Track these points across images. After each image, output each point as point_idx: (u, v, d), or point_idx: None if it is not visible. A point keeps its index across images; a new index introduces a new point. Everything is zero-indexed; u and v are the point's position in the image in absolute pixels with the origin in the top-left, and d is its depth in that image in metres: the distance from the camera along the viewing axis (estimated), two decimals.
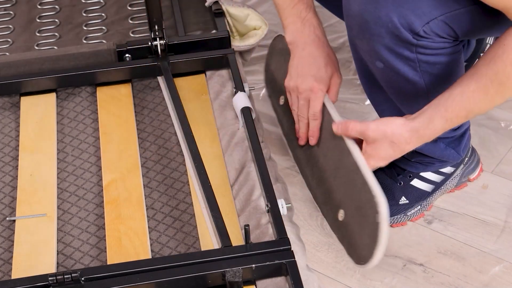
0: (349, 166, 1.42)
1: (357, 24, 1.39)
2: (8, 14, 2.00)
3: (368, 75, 1.53)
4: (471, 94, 1.34)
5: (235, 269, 1.31)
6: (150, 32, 1.75)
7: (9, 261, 1.42)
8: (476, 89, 1.33)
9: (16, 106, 1.74)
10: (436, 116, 1.36)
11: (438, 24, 1.36)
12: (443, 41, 1.39)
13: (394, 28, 1.36)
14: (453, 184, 1.69)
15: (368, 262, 1.36)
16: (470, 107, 1.35)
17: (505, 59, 1.30)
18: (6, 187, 1.56)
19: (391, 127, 1.39)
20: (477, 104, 1.35)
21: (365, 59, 1.47)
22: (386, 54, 1.40)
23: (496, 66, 1.31)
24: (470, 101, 1.34)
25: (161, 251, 1.43)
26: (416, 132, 1.38)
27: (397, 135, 1.39)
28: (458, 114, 1.36)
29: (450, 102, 1.35)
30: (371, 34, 1.38)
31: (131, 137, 1.64)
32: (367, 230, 1.36)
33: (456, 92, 1.35)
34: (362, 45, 1.43)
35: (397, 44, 1.38)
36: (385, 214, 1.32)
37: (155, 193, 1.53)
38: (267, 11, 2.22)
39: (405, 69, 1.42)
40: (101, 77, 1.76)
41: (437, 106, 1.37)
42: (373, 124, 1.40)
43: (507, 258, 1.58)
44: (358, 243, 1.39)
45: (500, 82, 1.31)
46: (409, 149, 1.41)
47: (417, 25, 1.35)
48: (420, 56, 1.40)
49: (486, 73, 1.32)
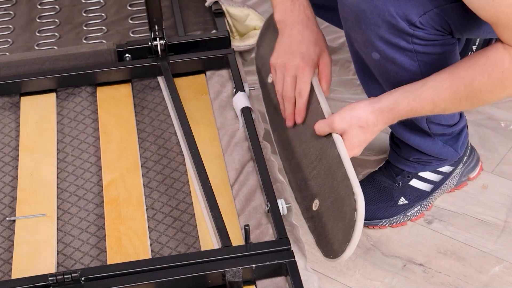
0: (332, 158, 1.41)
1: (353, 14, 1.39)
2: (8, 14, 2.00)
3: (364, 69, 1.53)
4: (443, 91, 1.35)
5: (235, 269, 1.31)
6: (150, 32, 1.75)
7: (9, 261, 1.42)
8: (449, 87, 1.34)
9: (16, 106, 1.74)
10: (403, 101, 1.38)
11: (434, 16, 1.36)
12: (438, 34, 1.39)
13: (391, 17, 1.36)
14: (453, 184, 1.69)
15: (337, 258, 1.36)
16: (437, 103, 1.36)
17: (484, 70, 1.31)
18: (6, 187, 1.56)
19: (356, 113, 1.41)
20: (445, 103, 1.36)
21: (361, 52, 1.47)
22: (381, 44, 1.40)
23: (474, 73, 1.32)
24: (440, 97, 1.35)
25: (161, 251, 1.43)
26: (381, 113, 1.39)
27: (363, 119, 1.40)
28: (424, 107, 1.37)
29: (420, 92, 1.36)
30: (367, 24, 1.38)
31: (131, 137, 1.64)
32: (342, 226, 1.35)
33: (430, 84, 1.36)
34: (358, 36, 1.43)
35: (393, 34, 1.38)
36: (362, 213, 1.32)
37: (155, 193, 1.53)
38: (267, 11, 2.22)
39: (402, 59, 1.42)
40: (101, 77, 1.76)
41: (406, 92, 1.38)
42: (337, 116, 1.41)
43: (507, 258, 1.58)
44: (329, 236, 1.39)
45: (473, 89, 1.33)
46: (378, 130, 1.42)
47: (414, 15, 1.36)
48: (417, 47, 1.40)
49: (463, 76, 1.33)
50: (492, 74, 1.30)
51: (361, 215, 1.32)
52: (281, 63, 1.52)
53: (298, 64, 1.50)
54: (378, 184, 1.66)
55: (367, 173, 1.71)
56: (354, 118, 1.41)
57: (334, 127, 1.42)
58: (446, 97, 1.35)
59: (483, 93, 1.33)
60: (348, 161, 1.39)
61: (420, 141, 1.59)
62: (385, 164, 1.69)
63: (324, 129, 1.44)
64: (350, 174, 1.36)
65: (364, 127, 1.41)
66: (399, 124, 1.57)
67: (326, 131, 1.44)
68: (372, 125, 1.41)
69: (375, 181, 1.67)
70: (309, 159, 1.48)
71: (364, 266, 1.58)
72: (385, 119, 1.40)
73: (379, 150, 1.80)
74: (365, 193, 1.65)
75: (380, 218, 1.64)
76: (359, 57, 1.50)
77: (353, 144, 1.42)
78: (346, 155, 1.40)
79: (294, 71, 1.50)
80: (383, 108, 1.39)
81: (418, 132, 1.58)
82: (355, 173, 1.36)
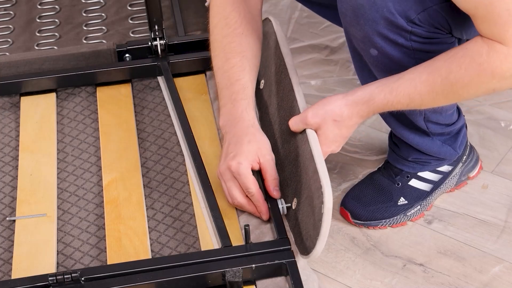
0: (306, 154, 1.40)
1: (352, 9, 1.38)
2: (8, 14, 2.00)
3: (363, 65, 1.52)
4: (419, 84, 1.33)
5: (235, 269, 1.31)
6: (150, 32, 1.75)
7: (9, 261, 1.42)
8: (425, 80, 1.33)
9: (16, 106, 1.74)
10: (379, 94, 1.36)
11: (433, 14, 1.36)
12: (436, 32, 1.39)
13: (389, 13, 1.35)
14: (453, 183, 1.69)
15: (310, 254, 1.34)
16: (413, 97, 1.34)
17: (461, 62, 1.29)
18: (6, 187, 1.56)
19: (330, 106, 1.39)
20: (421, 96, 1.34)
21: (359, 48, 1.46)
22: (379, 41, 1.39)
23: (452, 66, 1.30)
24: (416, 90, 1.33)
25: (161, 251, 1.43)
26: (356, 105, 1.37)
27: (337, 112, 1.38)
28: (400, 100, 1.35)
29: (397, 85, 1.35)
30: (366, 20, 1.37)
31: (131, 137, 1.64)
32: (312, 221, 1.34)
33: (406, 77, 1.34)
34: (356, 32, 1.41)
35: (391, 30, 1.37)
36: (329, 204, 1.30)
37: (155, 193, 1.53)
38: (267, 11, 2.22)
39: (399, 56, 1.41)
40: (101, 77, 1.76)
41: (383, 85, 1.36)
42: (311, 110, 1.40)
43: (507, 258, 1.58)
44: (303, 233, 1.38)
45: (450, 82, 1.31)
46: (355, 124, 1.40)
47: (412, 12, 1.35)
48: (415, 44, 1.39)
49: (440, 69, 1.32)
50: (469, 67, 1.29)
51: (328, 208, 1.30)
52: (224, 169, 1.45)
53: (231, 165, 1.43)
54: (378, 185, 1.66)
55: (367, 173, 1.71)
56: (328, 112, 1.38)
57: (307, 122, 1.40)
58: (422, 90, 1.33)
59: (459, 87, 1.31)
60: (318, 155, 1.36)
61: (419, 140, 1.59)
62: (384, 165, 1.69)
63: (298, 125, 1.42)
64: (319, 168, 1.33)
65: (339, 121, 1.39)
66: (397, 122, 1.57)
67: (301, 127, 1.42)
68: (347, 119, 1.38)
69: (374, 182, 1.66)
70: (289, 158, 1.47)
71: (364, 266, 1.58)
72: (360, 111, 1.38)
73: (379, 150, 1.80)
74: (364, 193, 1.66)
75: (380, 219, 1.63)
76: (357, 53, 1.50)
77: (329, 139, 1.40)
78: (318, 150, 1.37)
79: (229, 174, 1.44)
80: (358, 101, 1.37)
81: (417, 131, 1.58)
82: (359, 172, 1.35)
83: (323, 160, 1.36)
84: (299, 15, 2.19)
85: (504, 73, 1.27)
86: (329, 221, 1.30)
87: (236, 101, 1.49)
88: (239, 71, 1.51)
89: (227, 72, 1.51)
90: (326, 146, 1.40)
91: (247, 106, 1.49)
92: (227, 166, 1.43)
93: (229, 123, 1.48)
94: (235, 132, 1.46)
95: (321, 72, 2.03)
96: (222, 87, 1.52)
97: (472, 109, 1.89)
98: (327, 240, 1.63)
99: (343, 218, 1.65)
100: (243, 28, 1.53)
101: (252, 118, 1.48)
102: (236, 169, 1.42)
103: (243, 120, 1.47)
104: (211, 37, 1.56)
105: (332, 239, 1.62)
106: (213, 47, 1.55)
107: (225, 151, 1.46)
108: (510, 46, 1.26)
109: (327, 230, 1.31)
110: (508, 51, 1.26)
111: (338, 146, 1.43)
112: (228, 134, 1.48)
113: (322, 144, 1.40)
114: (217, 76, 1.53)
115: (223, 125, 1.50)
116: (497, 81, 1.29)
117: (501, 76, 1.28)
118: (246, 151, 1.43)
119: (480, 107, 1.90)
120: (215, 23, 1.55)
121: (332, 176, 1.75)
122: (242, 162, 1.42)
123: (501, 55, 1.27)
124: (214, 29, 1.55)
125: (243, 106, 1.48)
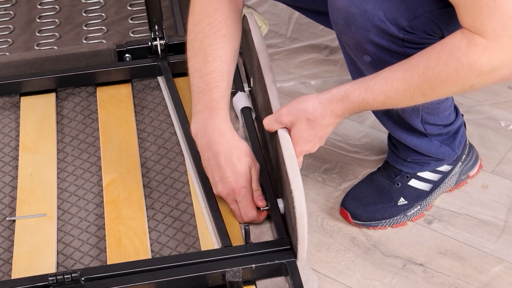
0: (280, 155, 1.37)
1: (343, 18, 1.37)
2: (8, 14, 2.00)
3: (357, 70, 1.51)
4: (396, 82, 1.30)
5: (235, 269, 1.31)
6: (150, 32, 1.75)
7: (9, 261, 1.42)
8: (402, 78, 1.30)
9: (16, 106, 1.74)
10: (354, 92, 1.33)
11: (425, 21, 1.35)
12: (429, 38, 1.38)
13: (380, 21, 1.34)
14: (452, 182, 1.69)
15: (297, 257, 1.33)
16: (389, 94, 1.31)
17: (440, 57, 1.26)
18: (6, 187, 1.57)
19: (303, 105, 1.36)
20: (397, 94, 1.31)
21: (353, 55, 1.44)
22: (372, 48, 1.38)
23: (429, 61, 1.27)
24: (392, 88, 1.30)
25: (161, 251, 1.43)
26: (329, 104, 1.34)
27: (310, 111, 1.35)
28: (376, 98, 1.32)
29: (373, 82, 1.32)
30: (357, 28, 1.36)
31: (131, 137, 1.64)
32: (292, 224, 1.33)
33: (383, 75, 1.32)
34: (348, 40, 1.40)
35: (383, 38, 1.36)
36: (300, 209, 1.26)
37: (155, 193, 1.53)
38: (267, 11, 2.22)
39: (394, 61, 1.36)
40: (101, 77, 1.76)
41: (359, 83, 1.33)
42: (285, 109, 1.37)
43: (507, 258, 1.58)
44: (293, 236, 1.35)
45: (427, 78, 1.28)
46: (328, 125, 1.36)
47: (403, 20, 1.34)
48: (408, 50, 1.38)
49: (418, 65, 1.29)
50: (448, 61, 1.26)
51: (300, 212, 1.26)
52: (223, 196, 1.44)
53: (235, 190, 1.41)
54: (377, 185, 1.66)
55: (367, 173, 1.71)
56: (302, 111, 1.35)
57: (281, 121, 1.37)
58: (398, 87, 1.30)
59: (437, 83, 1.27)
60: (289, 155, 1.32)
61: (417, 141, 1.59)
62: (383, 165, 1.69)
63: (272, 124, 1.39)
64: (289, 171, 1.30)
65: (312, 120, 1.35)
66: (394, 124, 1.57)
67: (275, 126, 1.39)
68: (320, 118, 1.35)
69: (374, 182, 1.67)
70: (274, 159, 1.46)
71: (364, 266, 1.58)
72: (334, 110, 1.35)
73: (378, 150, 1.81)
74: (364, 194, 1.66)
75: (380, 219, 1.63)
76: (351, 59, 1.49)
77: (303, 139, 1.37)
78: (289, 151, 1.33)
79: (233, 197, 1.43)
80: (332, 99, 1.34)
81: (414, 133, 1.58)
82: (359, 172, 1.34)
83: (294, 162, 1.32)
84: (299, 15, 2.19)
85: (482, 67, 1.24)
86: (303, 226, 1.28)
87: (214, 110, 1.44)
88: (218, 76, 1.46)
89: (206, 76, 1.46)
90: (300, 146, 1.38)
91: (225, 116, 1.44)
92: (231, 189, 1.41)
93: (204, 133, 1.44)
94: (216, 148, 1.42)
95: (321, 72, 2.03)
96: (199, 91, 1.46)
97: (471, 109, 1.89)
98: (327, 240, 1.63)
99: (343, 218, 1.66)
100: (226, 29, 1.48)
101: (230, 128, 1.44)
102: (240, 193, 1.41)
103: (224, 134, 1.42)
104: (190, 35, 1.50)
105: (332, 239, 1.63)
106: (192, 47, 1.50)
107: (216, 172, 1.42)
108: (489, 40, 1.23)
109: (303, 234, 1.28)
110: (487, 45, 1.23)
111: (313, 146, 1.39)
112: (204, 146, 1.43)
113: (295, 144, 1.37)
114: (193, 77, 1.48)
115: (196, 133, 1.45)
116: (475, 77, 1.26)
117: (479, 70, 1.25)
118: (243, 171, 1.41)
119: (480, 107, 1.90)
120: (197, 21, 1.49)
121: (332, 176, 1.75)
122: (246, 186, 1.41)
123: (479, 49, 1.23)
124: (195, 27, 1.49)
125: (221, 116, 1.44)
